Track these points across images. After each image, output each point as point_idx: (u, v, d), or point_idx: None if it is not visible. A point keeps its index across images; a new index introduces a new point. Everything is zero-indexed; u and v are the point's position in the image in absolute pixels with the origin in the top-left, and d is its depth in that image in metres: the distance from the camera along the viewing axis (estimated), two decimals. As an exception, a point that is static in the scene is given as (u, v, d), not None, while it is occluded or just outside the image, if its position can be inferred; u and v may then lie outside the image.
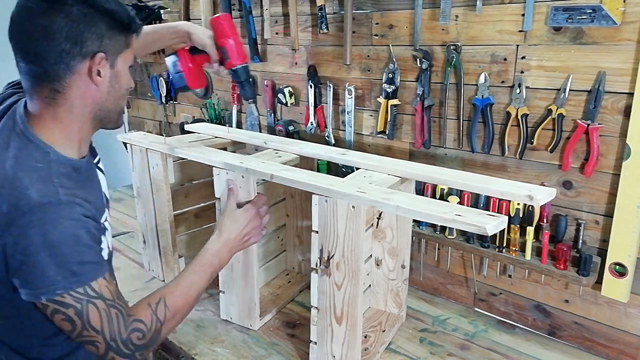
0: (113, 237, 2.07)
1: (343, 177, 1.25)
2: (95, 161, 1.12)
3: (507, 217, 1.01)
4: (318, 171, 1.61)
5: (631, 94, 1.15)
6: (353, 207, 1.10)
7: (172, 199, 1.62)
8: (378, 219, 1.42)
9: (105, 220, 1.05)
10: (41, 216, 0.84)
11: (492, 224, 0.95)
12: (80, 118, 0.97)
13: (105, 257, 1.01)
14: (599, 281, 1.28)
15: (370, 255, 1.47)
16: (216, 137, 1.71)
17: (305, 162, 1.51)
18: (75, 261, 0.87)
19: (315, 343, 1.26)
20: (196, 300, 1.09)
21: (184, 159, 1.57)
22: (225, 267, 1.42)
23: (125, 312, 0.93)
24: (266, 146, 1.58)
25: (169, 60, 1.37)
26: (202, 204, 1.80)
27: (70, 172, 0.94)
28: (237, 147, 1.74)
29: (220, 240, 1.20)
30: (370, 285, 1.52)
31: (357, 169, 1.37)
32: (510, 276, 1.48)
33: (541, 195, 1.09)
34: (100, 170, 1.14)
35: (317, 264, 1.20)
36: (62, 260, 0.85)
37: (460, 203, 1.45)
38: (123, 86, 1.00)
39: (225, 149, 1.65)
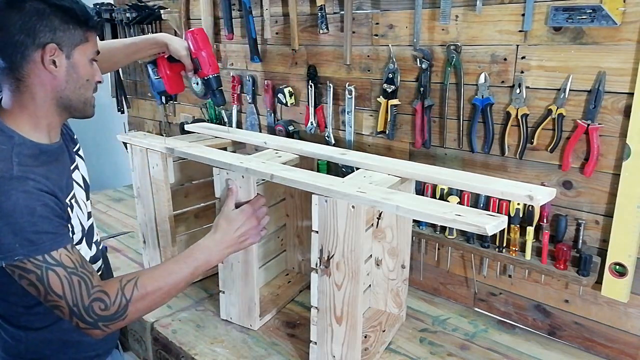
0: (113, 237, 2.10)
1: (343, 177, 1.25)
2: (75, 149, 1.22)
3: (507, 217, 1.01)
4: (318, 171, 1.61)
5: (631, 94, 1.15)
6: (353, 207, 1.10)
7: (172, 199, 1.62)
8: (378, 219, 1.42)
9: (73, 199, 1.11)
10: None
11: (492, 224, 0.95)
12: (43, 104, 1.05)
13: (79, 236, 1.12)
14: (599, 281, 1.28)
15: (370, 255, 1.47)
16: (216, 137, 1.71)
17: (305, 162, 1.51)
18: (31, 230, 0.93)
19: (315, 343, 1.26)
20: (173, 289, 1.10)
21: (184, 159, 1.57)
22: (225, 267, 1.43)
23: (89, 280, 0.99)
24: (266, 146, 1.58)
25: (149, 67, 1.49)
26: (202, 204, 1.80)
27: (36, 154, 1.03)
28: (237, 147, 1.74)
29: (213, 239, 1.21)
30: (370, 285, 1.52)
31: (357, 169, 1.37)
32: (510, 276, 1.48)
33: (541, 195, 1.09)
34: (80, 157, 1.24)
35: (317, 264, 1.20)
36: (17, 228, 0.92)
37: (461, 203, 1.45)
38: (82, 77, 1.08)
39: (225, 149, 1.65)
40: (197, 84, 2.27)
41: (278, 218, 1.69)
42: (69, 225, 1.07)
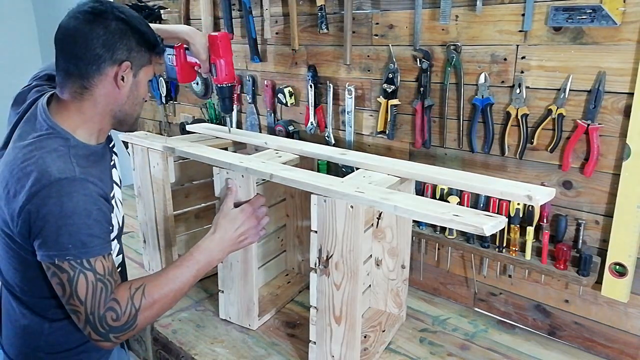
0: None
1: (343, 177, 1.25)
2: (110, 145, 1.27)
3: (505, 218, 1.01)
4: (318, 171, 1.61)
5: (631, 94, 1.15)
6: (352, 207, 1.10)
7: (172, 199, 1.62)
8: (378, 219, 1.42)
9: (113, 199, 1.17)
10: (59, 189, 0.97)
11: (490, 224, 0.95)
12: (101, 113, 1.12)
13: (115, 233, 1.16)
14: (599, 281, 1.28)
15: (370, 256, 1.47)
16: (217, 137, 1.71)
17: (305, 162, 1.51)
18: (86, 233, 0.98)
19: (315, 343, 1.26)
20: (179, 293, 1.12)
21: (185, 158, 1.57)
22: (224, 267, 1.43)
23: (110, 288, 1.02)
24: (266, 146, 1.58)
25: (167, 52, 1.49)
26: (203, 204, 1.80)
27: (87, 155, 1.09)
28: (238, 147, 1.74)
29: (213, 239, 1.22)
30: (370, 285, 1.52)
31: (357, 169, 1.37)
32: (510, 276, 1.48)
33: (540, 195, 1.09)
34: (115, 153, 1.30)
35: (316, 264, 1.20)
36: (74, 229, 0.97)
37: (460, 203, 1.45)
38: (141, 95, 1.17)
39: (225, 149, 1.65)
40: (198, 84, 2.28)
41: (278, 218, 1.69)
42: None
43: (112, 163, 1.25)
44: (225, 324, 1.50)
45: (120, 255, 1.30)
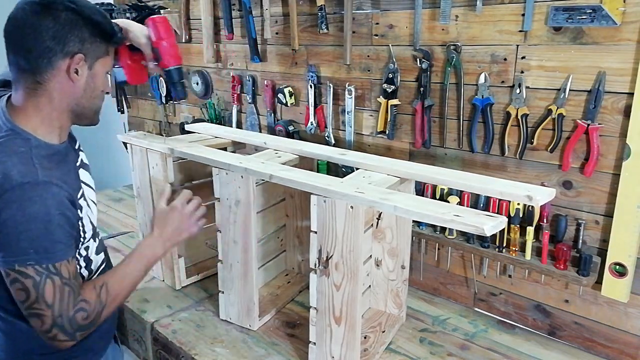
0: (113, 237, 2.10)
1: (343, 177, 1.25)
2: (76, 146, 1.26)
3: (506, 218, 1.01)
4: (318, 171, 1.61)
5: (631, 94, 1.15)
6: (351, 207, 1.10)
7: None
8: (378, 219, 1.42)
9: (82, 198, 1.14)
10: (21, 194, 0.96)
11: (490, 224, 0.95)
12: (58, 109, 1.09)
13: (90, 234, 1.16)
14: (599, 281, 1.28)
15: (370, 256, 1.47)
16: (216, 137, 1.71)
17: (305, 162, 1.51)
18: (48, 239, 0.98)
19: (315, 343, 1.26)
20: (133, 287, 1.20)
21: (184, 159, 1.57)
22: (225, 267, 1.43)
23: (76, 291, 1.04)
24: (266, 146, 1.58)
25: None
26: (202, 204, 1.79)
27: (50, 155, 1.06)
28: (237, 147, 1.74)
29: (152, 236, 1.29)
30: (370, 285, 1.51)
31: (357, 169, 1.37)
32: (510, 276, 1.48)
33: (540, 195, 1.09)
34: (81, 151, 1.28)
35: (315, 264, 1.20)
36: (34, 234, 0.96)
37: (460, 203, 1.45)
38: (99, 87, 1.14)
39: (225, 149, 1.65)
40: (197, 83, 2.28)
41: (278, 218, 1.69)
42: (80, 224, 1.11)
43: (78, 163, 1.22)
44: (225, 324, 1.50)
45: (102, 253, 1.28)
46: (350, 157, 1.42)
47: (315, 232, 1.18)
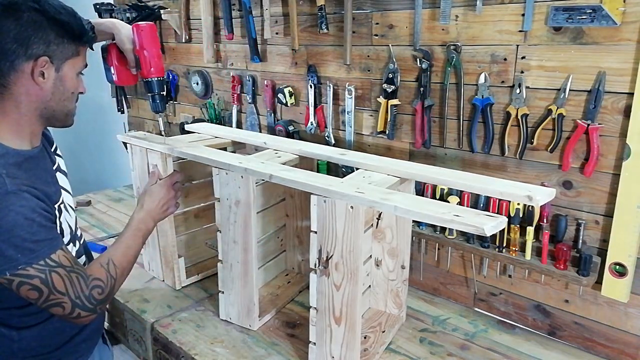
0: (112, 237, 2.10)
1: (343, 177, 1.25)
2: (53, 150, 1.24)
3: (506, 218, 1.00)
4: (318, 171, 1.61)
5: (631, 94, 1.15)
6: (351, 207, 1.10)
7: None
8: (378, 219, 1.42)
9: (62, 204, 1.14)
10: None
11: (490, 224, 0.95)
12: (27, 113, 1.06)
13: (68, 237, 1.16)
14: (599, 281, 1.28)
15: (370, 256, 1.47)
16: (216, 137, 1.71)
17: (305, 163, 1.51)
18: (30, 240, 0.97)
19: (315, 344, 1.26)
20: (134, 259, 1.26)
21: (184, 159, 1.57)
22: (225, 267, 1.44)
23: (84, 274, 1.07)
24: (266, 146, 1.58)
25: (101, 53, 1.42)
26: (202, 204, 1.80)
27: (20, 162, 1.04)
28: (237, 147, 1.74)
29: (143, 211, 1.35)
30: (370, 285, 1.51)
31: (357, 169, 1.37)
32: (510, 276, 1.48)
33: (540, 195, 1.09)
34: (59, 156, 1.27)
35: (315, 265, 1.20)
36: (18, 241, 0.96)
37: (460, 203, 1.45)
38: (68, 89, 1.10)
39: (225, 149, 1.65)
40: (197, 83, 2.28)
41: (278, 218, 1.69)
42: (59, 227, 1.11)
43: (55, 167, 1.20)
44: (225, 324, 1.50)
45: (84, 257, 1.28)
46: (350, 157, 1.42)
47: (315, 232, 1.18)
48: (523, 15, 1.27)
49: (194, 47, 2.28)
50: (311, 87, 1.77)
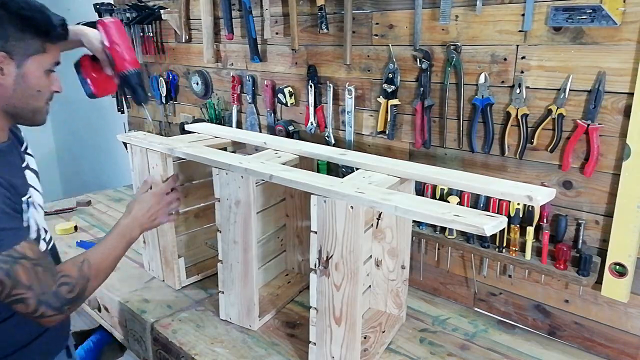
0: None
1: (343, 177, 1.25)
2: (23, 149, 1.20)
3: (506, 218, 1.00)
4: (318, 171, 1.61)
5: (631, 94, 1.15)
6: (352, 207, 1.10)
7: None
8: (378, 219, 1.42)
9: (30, 198, 1.10)
10: None
11: (491, 224, 0.95)
12: None
13: (34, 235, 1.10)
14: (599, 281, 1.28)
15: (370, 256, 1.47)
16: (216, 137, 1.71)
17: (305, 163, 1.51)
18: None
19: (315, 344, 1.26)
20: (114, 264, 1.20)
21: (184, 159, 1.57)
22: (225, 267, 1.43)
23: (52, 268, 1.02)
24: (266, 146, 1.58)
25: (75, 68, 1.38)
26: (202, 204, 1.80)
27: None
28: (237, 147, 1.74)
29: (130, 217, 1.30)
30: (370, 286, 1.51)
31: (357, 169, 1.37)
32: (510, 276, 1.48)
33: (541, 195, 1.09)
34: (30, 155, 1.23)
35: (315, 265, 1.20)
36: None
37: (460, 203, 1.45)
38: (33, 87, 1.06)
39: (225, 149, 1.65)
40: (197, 84, 2.28)
41: (278, 218, 1.69)
42: (26, 222, 1.07)
43: (23, 165, 1.17)
44: (225, 324, 1.50)
45: (50, 258, 1.23)
46: (350, 157, 1.42)
47: (315, 232, 1.18)
48: (523, 15, 1.27)
49: (194, 47, 2.28)
50: (311, 87, 1.77)
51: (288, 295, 1.63)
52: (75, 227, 2.20)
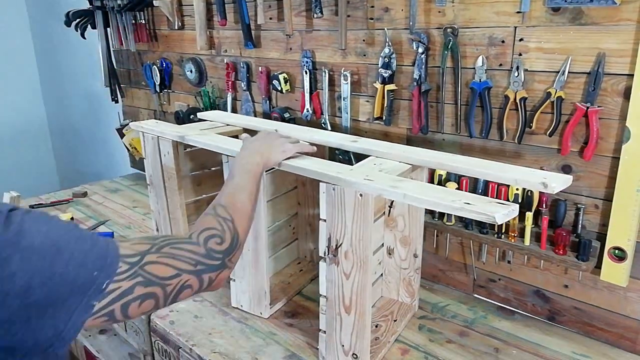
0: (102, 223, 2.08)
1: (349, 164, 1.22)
2: None
3: (517, 206, 0.96)
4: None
5: (631, 76, 1.13)
6: (360, 195, 1.08)
7: (185, 187, 1.60)
8: (390, 207, 1.40)
9: None
10: None
11: (502, 212, 0.91)
12: None
13: None
14: (598, 266, 1.27)
15: (382, 244, 1.45)
16: (228, 124, 1.68)
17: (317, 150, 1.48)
18: (85, 250, 0.72)
19: (325, 332, 1.25)
20: (248, 198, 1.06)
21: (195, 147, 1.55)
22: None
23: (175, 239, 0.85)
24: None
25: None
26: (215, 192, 1.76)
27: None
28: (249, 134, 1.72)
29: (243, 149, 1.23)
30: (382, 274, 1.50)
31: (361, 157, 1.33)
32: (509, 262, 1.47)
33: (556, 182, 1.04)
34: None
35: (325, 253, 1.18)
36: (74, 256, 0.70)
37: (459, 189, 1.43)
38: None
39: (236, 136, 1.62)
40: (191, 71, 2.25)
41: (290, 206, 1.67)
42: None
43: None
44: (223, 314, 1.49)
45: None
46: (362, 145, 1.38)
47: (325, 220, 1.16)
48: (521, -4, 1.24)
49: (186, 33, 2.25)
50: (306, 73, 1.75)
51: (299, 284, 1.62)
52: (72, 219, 2.18)
